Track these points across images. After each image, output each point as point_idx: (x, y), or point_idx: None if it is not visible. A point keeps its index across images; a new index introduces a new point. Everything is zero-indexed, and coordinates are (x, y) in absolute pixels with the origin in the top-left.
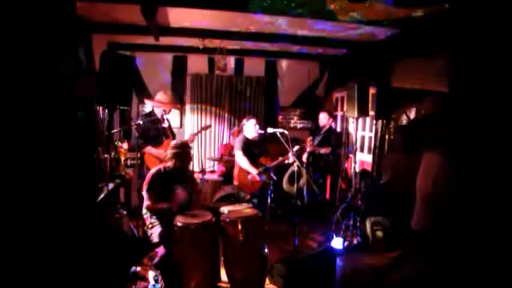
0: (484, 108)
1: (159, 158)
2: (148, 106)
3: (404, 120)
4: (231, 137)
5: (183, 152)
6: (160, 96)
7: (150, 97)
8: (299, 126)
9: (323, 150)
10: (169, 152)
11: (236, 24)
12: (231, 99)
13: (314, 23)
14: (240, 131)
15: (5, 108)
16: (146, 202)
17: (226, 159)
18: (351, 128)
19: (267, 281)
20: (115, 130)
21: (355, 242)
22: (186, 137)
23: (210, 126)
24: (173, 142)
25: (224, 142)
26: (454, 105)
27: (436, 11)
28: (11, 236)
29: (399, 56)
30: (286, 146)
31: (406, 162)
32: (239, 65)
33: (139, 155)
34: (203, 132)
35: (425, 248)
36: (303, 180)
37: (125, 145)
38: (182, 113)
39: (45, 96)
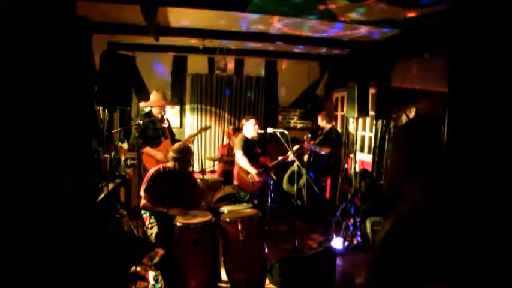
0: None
1: (156, 158)
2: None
3: (404, 120)
4: (225, 137)
5: (183, 158)
6: (152, 96)
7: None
8: (299, 126)
9: (322, 151)
10: (171, 154)
11: (236, 25)
12: (231, 99)
13: (314, 23)
14: (235, 130)
15: (5, 108)
16: (143, 201)
17: (226, 159)
18: (351, 128)
19: (267, 281)
20: (115, 130)
21: (355, 242)
22: (186, 137)
23: (209, 127)
24: (176, 145)
25: (224, 143)
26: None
27: (435, 11)
28: (10, 235)
29: (399, 56)
30: (286, 146)
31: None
32: (239, 65)
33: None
34: (203, 132)
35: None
36: (302, 180)
37: (125, 145)
38: (182, 113)
39: (45, 96)
